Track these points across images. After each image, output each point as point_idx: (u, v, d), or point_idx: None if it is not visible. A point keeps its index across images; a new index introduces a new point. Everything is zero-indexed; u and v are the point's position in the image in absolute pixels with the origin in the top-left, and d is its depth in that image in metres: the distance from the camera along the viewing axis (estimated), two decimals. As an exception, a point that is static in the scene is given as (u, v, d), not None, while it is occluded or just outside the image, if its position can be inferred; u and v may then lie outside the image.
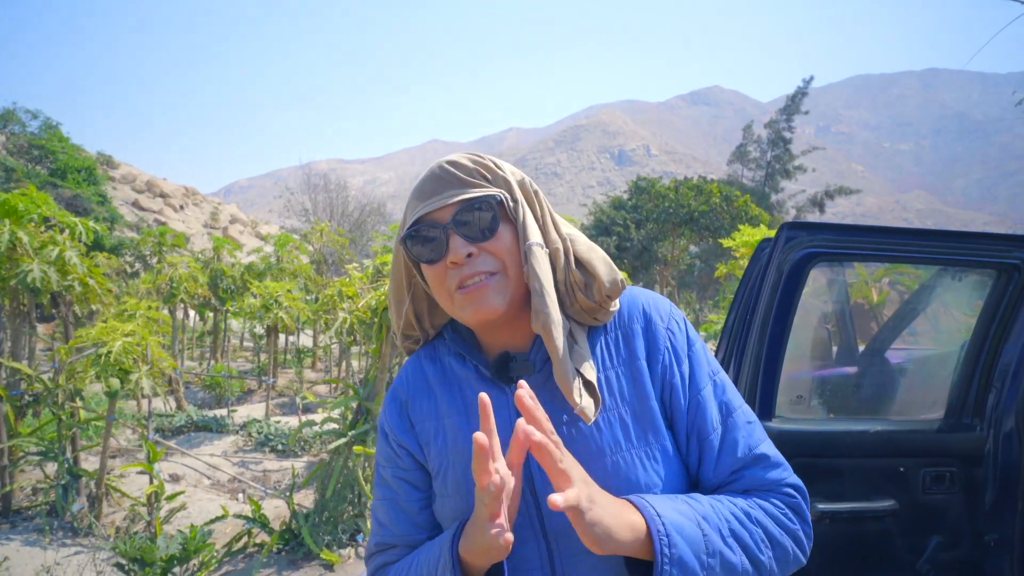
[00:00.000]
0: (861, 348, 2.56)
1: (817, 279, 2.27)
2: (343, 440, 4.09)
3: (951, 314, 2.38)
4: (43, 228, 4.80)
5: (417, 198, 0.87)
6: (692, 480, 0.88)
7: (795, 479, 0.86)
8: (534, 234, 0.85)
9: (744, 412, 0.88)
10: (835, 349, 2.57)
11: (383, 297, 4.24)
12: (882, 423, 2.03)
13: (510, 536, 0.70)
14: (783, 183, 31.46)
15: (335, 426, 4.40)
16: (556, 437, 0.72)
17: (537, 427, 0.70)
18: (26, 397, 4.77)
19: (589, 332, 0.90)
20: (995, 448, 1.89)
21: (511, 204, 0.86)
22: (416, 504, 0.93)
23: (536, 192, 0.89)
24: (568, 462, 0.72)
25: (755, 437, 0.86)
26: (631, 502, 0.77)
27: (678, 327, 0.91)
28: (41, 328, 12.79)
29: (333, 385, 10.00)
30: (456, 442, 0.88)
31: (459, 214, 0.83)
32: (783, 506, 0.83)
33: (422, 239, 0.85)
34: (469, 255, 0.83)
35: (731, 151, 34.00)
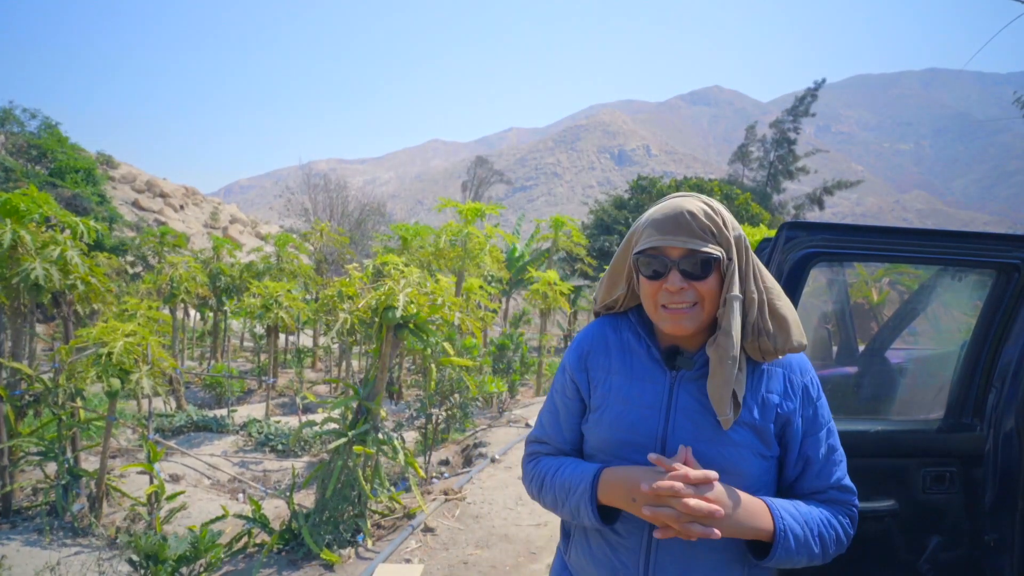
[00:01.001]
0: (861, 348, 2.56)
1: (817, 279, 2.27)
2: (343, 440, 4.09)
3: (951, 314, 2.38)
4: (44, 228, 4.80)
5: (656, 228, 1.14)
6: (784, 486, 1.22)
7: (857, 501, 1.22)
8: (735, 287, 1.13)
9: (840, 453, 1.23)
10: (835, 349, 2.57)
11: (383, 297, 4.24)
12: (882, 423, 2.03)
13: (648, 513, 1.06)
14: (785, 183, 31.41)
15: (335, 426, 4.40)
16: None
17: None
18: (26, 397, 4.77)
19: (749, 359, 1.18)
20: (995, 448, 1.89)
21: (725, 261, 1.13)
22: (569, 422, 1.30)
23: (747, 247, 1.16)
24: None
25: (843, 471, 1.22)
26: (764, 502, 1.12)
27: (812, 384, 1.22)
28: (41, 328, 12.78)
29: (333, 385, 10.00)
30: (618, 393, 1.21)
31: (685, 258, 1.12)
32: (847, 519, 1.19)
33: (651, 261, 1.15)
34: (681, 288, 1.12)
35: (731, 151, 33.91)
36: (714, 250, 1.11)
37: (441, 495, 4.95)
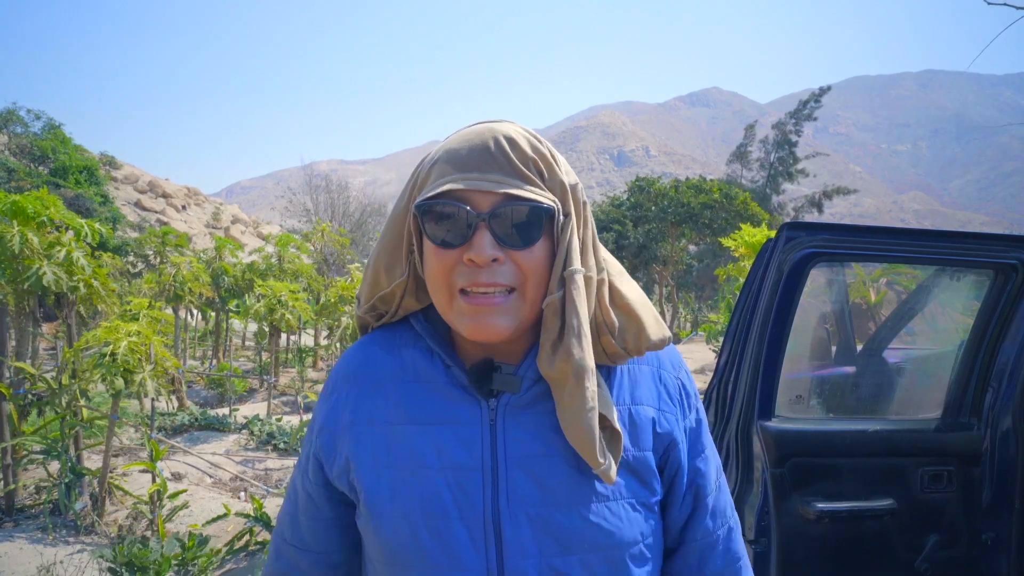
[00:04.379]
0: (859, 348, 2.58)
1: (816, 279, 2.29)
2: (345, 439, 4.11)
3: (948, 314, 2.41)
4: (49, 229, 4.82)
5: (453, 165, 0.70)
6: (670, 537, 0.82)
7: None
8: (577, 259, 0.72)
9: (723, 473, 0.88)
10: (834, 349, 2.59)
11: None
12: (880, 422, 2.05)
13: None
14: (784, 185, 31.45)
15: (337, 425, 4.42)
16: None
17: None
18: (29, 396, 4.79)
19: None
20: (992, 447, 1.91)
21: (560, 219, 0.72)
22: (314, 526, 0.82)
23: (584, 204, 0.75)
24: None
25: (732, 501, 0.87)
26: None
27: (687, 378, 0.84)
28: (44, 327, 12.79)
29: (334, 385, 10.02)
30: (412, 457, 0.73)
31: (500, 208, 0.68)
32: None
33: (442, 216, 0.69)
34: (494, 260, 0.69)
35: (729, 152, 33.96)
36: (545, 198, 0.70)
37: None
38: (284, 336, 13.54)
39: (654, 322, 0.79)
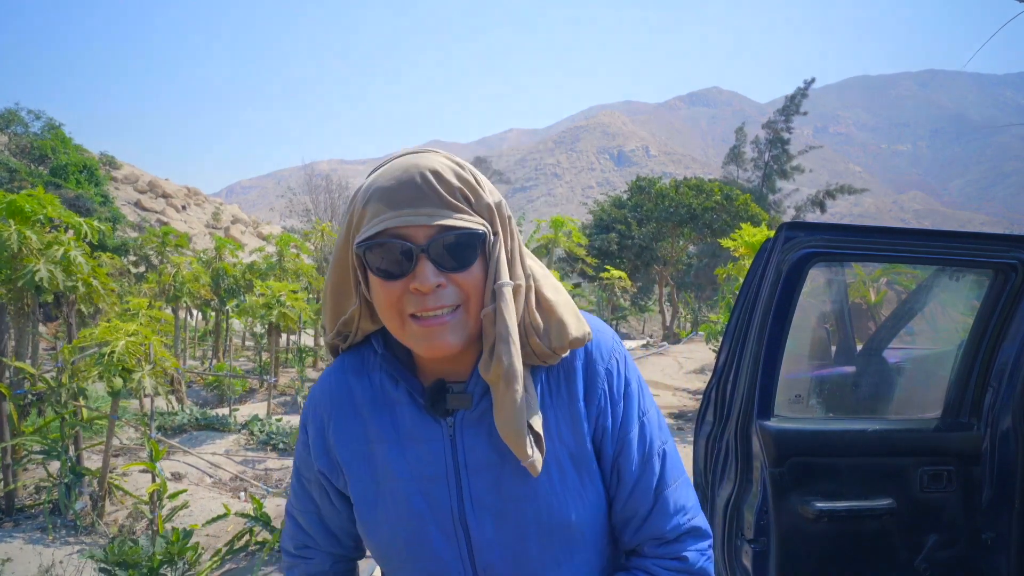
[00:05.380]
0: (859, 348, 2.58)
1: (816, 279, 2.29)
2: (345, 439, 4.11)
3: (948, 314, 2.41)
4: (48, 228, 4.82)
5: (386, 203, 0.76)
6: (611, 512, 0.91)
7: (696, 522, 0.88)
8: (505, 273, 0.80)
9: (660, 453, 0.89)
10: (833, 349, 2.59)
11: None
12: (880, 422, 2.05)
13: None
14: (780, 183, 31.37)
15: (337, 425, 4.42)
16: None
17: None
18: (29, 396, 4.79)
19: (531, 368, 0.85)
20: (992, 447, 1.91)
21: (491, 239, 0.80)
22: (338, 520, 0.94)
23: (509, 218, 0.84)
24: None
25: (665, 479, 0.88)
26: None
27: (617, 366, 0.89)
28: (44, 327, 12.80)
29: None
30: (388, 471, 0.85)
31: (436, 239, 0.75)
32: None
33: (383, 252, 0.76)
34: (438, 286, 0.76)
35: (727, 152, 33.93)
36: (476, 224, 0.78)
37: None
38: (284, 336, 13.55)
39: (574, 320, 0.85)
